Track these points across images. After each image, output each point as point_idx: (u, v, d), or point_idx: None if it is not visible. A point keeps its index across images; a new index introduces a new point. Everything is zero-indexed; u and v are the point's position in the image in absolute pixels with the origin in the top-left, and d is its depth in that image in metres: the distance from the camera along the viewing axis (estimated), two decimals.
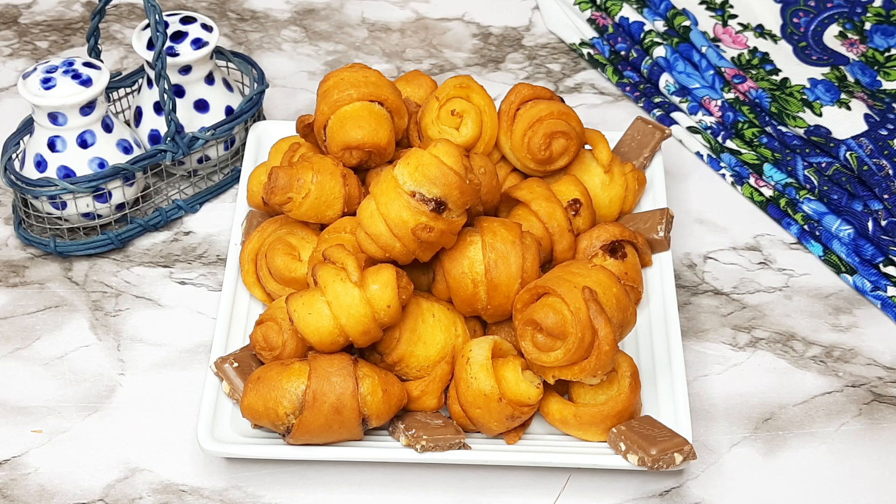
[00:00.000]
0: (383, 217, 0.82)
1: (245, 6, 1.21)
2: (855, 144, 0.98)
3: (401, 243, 0.82)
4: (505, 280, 0.84)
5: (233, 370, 0.84)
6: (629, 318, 0.83)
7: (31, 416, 0.87)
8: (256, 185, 0.95)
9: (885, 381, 0.90)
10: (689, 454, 0.80)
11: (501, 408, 0.81)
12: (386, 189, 0.82)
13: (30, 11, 1.20)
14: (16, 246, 0.99)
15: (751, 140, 1.03)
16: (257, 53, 1.16)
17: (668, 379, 0.85)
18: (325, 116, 0.91)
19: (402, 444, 0.82)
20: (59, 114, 0.94)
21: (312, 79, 1.13)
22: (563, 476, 0.84)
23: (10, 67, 1.14)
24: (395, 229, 0.81)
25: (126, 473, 0.84)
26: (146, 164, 0.96)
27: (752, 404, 0.88)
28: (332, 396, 0.79)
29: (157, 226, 1.00)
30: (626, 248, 0.91)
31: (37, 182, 0.94)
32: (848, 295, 0.96)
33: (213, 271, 0.97)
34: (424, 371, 0.84)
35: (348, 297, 0.80)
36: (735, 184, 1.03)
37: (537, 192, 0.90)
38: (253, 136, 1.01)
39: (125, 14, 1.20)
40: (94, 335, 0.92)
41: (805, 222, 0.99)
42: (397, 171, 0.81)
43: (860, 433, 0.87)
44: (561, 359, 0.79)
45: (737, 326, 0.93)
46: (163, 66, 0.93)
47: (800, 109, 1.02)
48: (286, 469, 0.84)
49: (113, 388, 0.89)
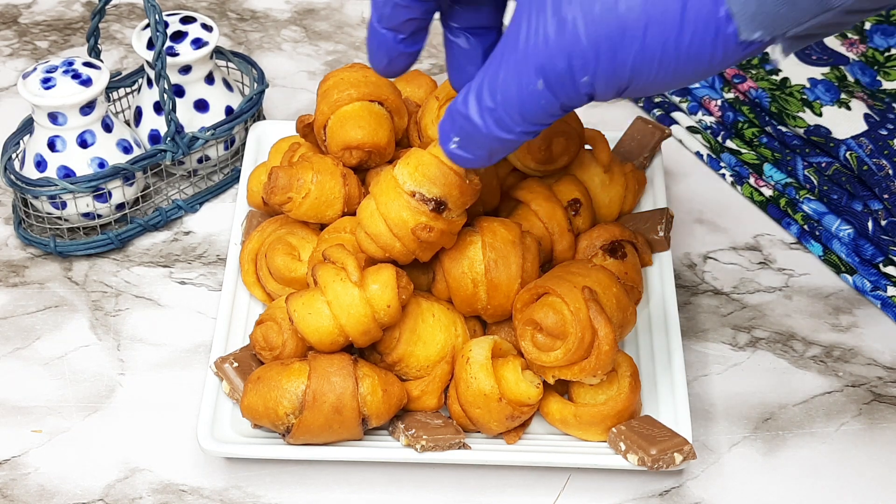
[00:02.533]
0: (383, 217, 0.81)
1: (245, 6, 1.21)
2: (855, 144, 0.98)
3: (401, 243, 0.82)
4: (505, 280, 0.84)
5: (233, 370, 0.84)
6: (629, 318, 0.83)
7: (31, 416, 0.87)
8: (256, 185, 0.95)
9: (885, 381, 0.90)
10: (689, 454, 0.80)
11: (501, 408, 0.81)
12: (386, 189, 0.82)
13: (30, 11, 1.20)
14: (16, 246, 0.99)
15: (751, 140, 1.03)
16: (257, 53, 1.16)
17: (667, 379, 0.85)
18: (324, 116, 0.91)
19: (402, 443, 0.82)
20: (58, 114, 0.94)
21: (312, 79, 1.13)
22: (563, 476, 0.84)
23: (9, 67, 1.14)
24: (395, 229, 0.81)
25: (126, 473, 0.84)
26: (146, 163, 0.96)
27: (752, 404, 0.89)
28: (332, 396, 0.79)
29: (157, 226, 1.00)
30: (626, 248, 0.90)
31: (37, 182, 0.94)
32: (848, 295, 0.96)
33: (213, 271, 0.97)
34: (424, 371, 0.84)
35: (348, 296, 0.80)
36: (735, 184, 1.03)
37: (537, 192, 0.90)
38: (253, 136, 1.01)
39: (125, 14, 1.20)
40: (94, 335, 0.92)
41: (805, 222, 0.99)
42: (397, 170, 0.81)
43: (860, 433, 0.87)
44: (561, 359, 0.79)
45: (737, 326, 0.93)
46: (163, 66, 0.93)
47: (800, 109, 1.02)
48: (286, 469, 0.84)
49: (113, 388, 0.89)
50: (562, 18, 0.61)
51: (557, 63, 0.62)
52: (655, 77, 0.62)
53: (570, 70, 0.62)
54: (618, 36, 0.60)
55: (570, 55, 0.62)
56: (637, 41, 0.60)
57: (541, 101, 0.64)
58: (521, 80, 0.64)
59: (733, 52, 0.61)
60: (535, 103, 0.65)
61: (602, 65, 0.62)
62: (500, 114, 0.66)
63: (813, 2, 0.58)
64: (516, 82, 0.64)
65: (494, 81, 0.66)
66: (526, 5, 0.63)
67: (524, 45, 0.63)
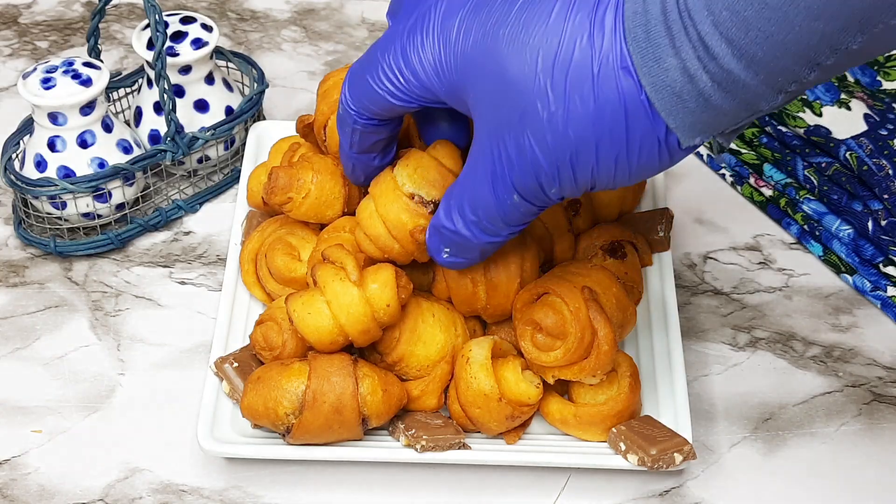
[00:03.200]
0: (382, 218, 0.81)
1: (245, 6, 1.21)
2: (855, 144, 0.98)
3: (399, 244, 0.82)
4: (504, 280, 0.84)
5: (233, 370, 0.84)
6: (629, 318, 0.83)
7: (31, 416, 0.87)
8: (256, 185, 0.95)
9: (885, 381, 0.90)
10: (689, 454, 0.80)
11: (501, 408, 0.81)
12: (385, 190, 0.82)
13: (30, 11, 1.20)
14: (16, 246, 0.99)
15: (751, 140, 1.03)
16: (257, 53, 1.16)
17: (667, 379, 0.85)
18: (324, 116, 0.91)
19: (402, 444, 0.82)
20: (58, 114, 0.94)
21: (312, 79, 1.13)
22: (563, 476, 0.84)
23: (9, 67, 1.14)
24: (394, 231, 0.81)
25: (126, 473, 0.84)
26: (146, 164, 0.96)
27: (752, 404, 0.88)
28: (332, 396, 0.79)
29: (157, 226, 1.00)
30: (626, 248, 0.90)
31: (37, 182, 0.94)
32: (848, 295, 0.96)
33: (213, 271, 0.97)
34: (424, 371, 0.84)
35: (347, 296, 0.80)
36: (735, 184, 1.03)
37: None
38: (253, 136, 1.01)
39: (125, 14, 1.20)
40: (93, 335, 0.92)
41: (805, 222, 0.99)
42: (396, 171, 0.81)
43: (860, 433, 0.87)
44: (561, 358, 0.79)
45: (737, 326, 0.93)
46: (163, 66, 0.93)
47: (800, 109, 1.02)
48: (286, 469, 0.84)
49: (113, 388, 0.89)
50: (521, 146, 0.67)
51: (527, 181, 0.69)
52: (615, 180, 0.68)
53: (539, 185, 0.69)
54: (573, 157, 0.67)
55: (537, 175, 0.68)
56: (591, 157, 0.66)
57: (519, 209, 0.72)
58: (497, 196, 0.71)
59: (680, 155, 0.66)
60: (515, 212, 0.72)
61: (565, 179, 0.68)
62: (485, 224, 0.74)
63: (742, 110, 0.63)
64: (494, 198, 0.72)
65: (473, 198, 0.73)
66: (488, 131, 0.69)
67: (494, 166, 0.70)
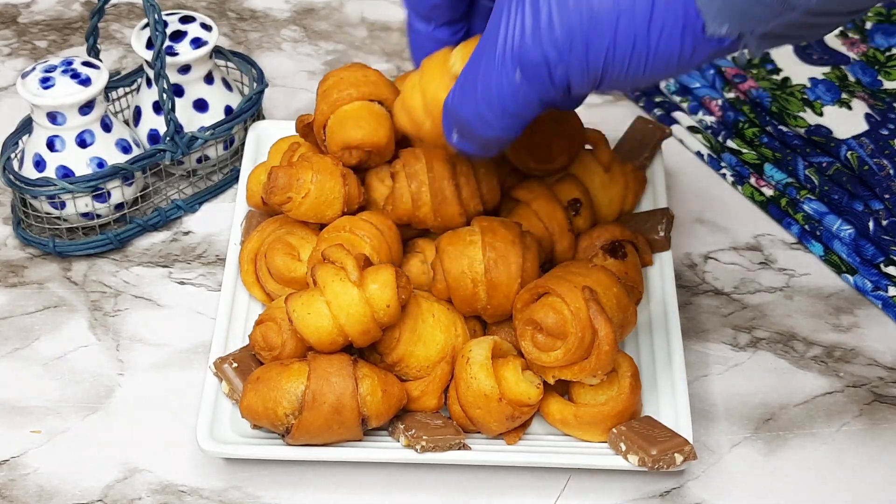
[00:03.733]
0: (422, 91, 0.79)
1: (244, 6, 1.21)
2: (856, 144, 0.98)
3: (431, 121, 0.80)
4: (505, 280, 0.83)
5: (232, 370, 0.84)
6: (629, 318, 0.83)
7: (31, 416, 0.87)
8: (256, 185, 0.95)
9: (886, 382, 0.90)
10: (690, 454, 0.80)
11: (501, 408, 0.80)
12: (434, 65, 0.79)
13: (29, 11, 1.20)
14: (15, 246, 0.99)
15: (751, 140, 1.03)
16: (257, 53, 1.15)
17: (668, 379, 0.85)
18: (324, 116, 0.91)
19: (402, 444, 0.82)
20: (57, 113, 0.94)
21: (312, 78, 1.13)
22: (563, 476, 0.84)
23: (8, 67, 1.14)
24: (430, 105, 0.79)
25: (125, 473, 0.84)
26: (145, 163, 0.96)
27: (753, 405, 0.88)
28: (332, 397, 0.79)
29: (156, 226, 0.99)
30: (627, 248, 0.90)
31: (36, 182, 0.93)
32: (849, 295, 0.96)
33: (213, 271, 0.97)
34: (424, 371, 0.84)
35: (347, 296, 0.80)
36: (735, 184, 1.03)
37: (537, 191, 0.90)
38: (252, 136, 1.01)
39: (124, 13, 1.20)
40: (93, 335, 0.92)
41: (806, 222, 0.99)
42: (454, 52, 0.79)
43: (861, 434, 0.87)
44: (561, 359, 0.79)
45: (737, 326, 0.93)
46: (162, 66, 0.93)
47: (800, 109, 1.02)
48: (286, 469, 0.84)
49: (112, 389, 0.89)
50: (537, 10, 0.64)
51: (533, 53, 0.65)
52: (628, 71, 0.65)
53: (546, 60, 0.65)
54: (590, 27, 0.63)
55: (546, 45, 0.65)
56: (609, 34, 0.63)
57: (519, 92, 0.67)
58: (500, 70, 0.67)
59: (702, 47, 0.63)
60: (515, 95, 0.68)
61: (576, 56, 0.64)
62: (482, 107, 0.70)
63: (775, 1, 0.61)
64: (495, 73, 0.67)
65: (476, 73, 0.69)
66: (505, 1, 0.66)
67: (503, 37, 0.66)
